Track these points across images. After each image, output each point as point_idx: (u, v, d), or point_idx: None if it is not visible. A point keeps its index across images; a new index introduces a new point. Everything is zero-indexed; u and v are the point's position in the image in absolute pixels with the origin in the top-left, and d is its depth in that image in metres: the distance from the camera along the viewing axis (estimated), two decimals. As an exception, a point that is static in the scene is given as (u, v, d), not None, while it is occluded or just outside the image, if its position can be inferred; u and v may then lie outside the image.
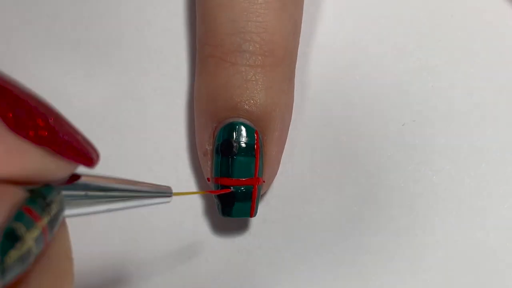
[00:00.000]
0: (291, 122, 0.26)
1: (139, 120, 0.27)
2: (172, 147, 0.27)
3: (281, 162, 0.26)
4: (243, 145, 0.24)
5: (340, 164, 0.27)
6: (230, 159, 0.24)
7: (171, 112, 0.27)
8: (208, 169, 0.25)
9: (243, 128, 0.24)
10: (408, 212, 0.26)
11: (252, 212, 0.24)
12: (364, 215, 0.26)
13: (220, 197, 0.24)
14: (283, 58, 0.25)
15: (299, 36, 0.26)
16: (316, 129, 0.27)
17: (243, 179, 0.24)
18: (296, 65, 0.26)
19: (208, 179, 0.25)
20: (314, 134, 0.27)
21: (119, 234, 0.26)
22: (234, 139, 0.24)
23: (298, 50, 0.26)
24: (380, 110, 0.27)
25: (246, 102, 0.24)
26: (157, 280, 0.26)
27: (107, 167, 0.26)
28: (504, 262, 0.26)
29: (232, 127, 0.24)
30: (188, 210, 0.26)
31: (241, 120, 0.24)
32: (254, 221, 0.26)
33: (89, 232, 0.26)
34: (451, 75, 0.28)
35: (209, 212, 0.26)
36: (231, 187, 0.24)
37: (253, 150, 0.24)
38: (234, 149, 0.24)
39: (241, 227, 0.26)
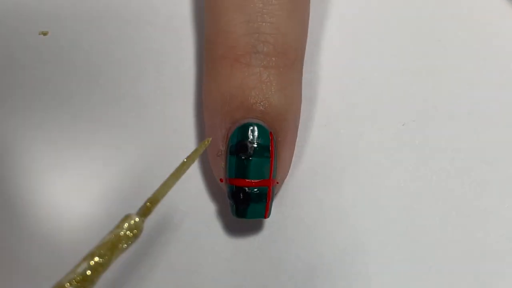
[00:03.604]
0: (291, 122, 0.26)
1: (139, 120, 0.27)
2: (172, 147, 0.27)
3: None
4: (258, 146, 0.24)
5: (340, 164, 0.27)
6: (245, 160, 0.24)
7: (171, 112, 0.27)
8: (221, 170, 0.24)
9: (258, 129, 0.24)
10: (408, 212, 0.26)
11: (266, 213, 0.24)
12: (364, 215, 0.26)
13: (235, 198, 0.24)
14: (295, 60, 0.25)
15: (307, 38, 0.26)
16: (316, 129, 0.27)
17: (258, 180, 0.24)
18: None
19: (221, 180, 0.25)
20: (314, 134, 0.27)
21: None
22: (249, 140, 0.24)
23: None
24: (380, 110, 0.27)
25: (261, 103, 0.24)
26: (156, 279, 0.26)
27: (108, 166, 0.27)
28: (504, 262, 0.26)
29: (247, 128, 0.24)
30: (189, 211, 0.26)
31: (256, 121, 0.24)
32: (253, 222, 0.26)
33: (95, 229, 0.26)
34: (451, 75, 0.28)
35: (209, 213, 0.26)
36: (246, 188, 0.24)
37: (268, 151, 0.24)
38: (249, 150, 0.23)
39: (241, 228, 0.26)
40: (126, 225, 0.19)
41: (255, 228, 0.26)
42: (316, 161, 0.27)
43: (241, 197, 0.24)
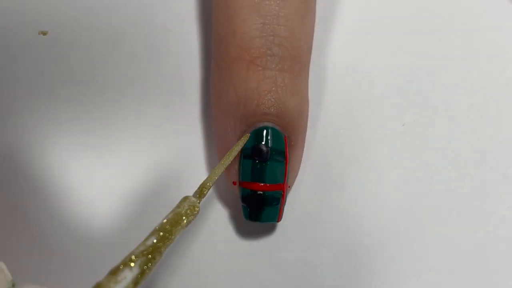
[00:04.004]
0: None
1: (139, 120, 0.27)
2: (172, 147, 0.27)
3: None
4: (273, 150, 0.23)
5: (340, 164, 0.27)
6: (260, 164, 0.23)
7: (171, 112, 0.27)
8: (233, 173, 0.24)
9: (274, 134, 0.24)
10: (408, 212, 0.26)
11: (279, 217, 0.24)
12: (364, 215, 0.26)
13: (249, 202, 0.24)
14: (306, 64, 0.25)
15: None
16: (316, 129, 0.27)
17: (273, 184, 0.24)
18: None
19: (234, 183, 0.24)
20: (314, 134, 0.27)
21: (126, 234, 0.26)
22: (265, 144, 0.23)
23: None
24: (380, 110, 0.27)
25: (277, 107, 0.24)
26: (156, 279, 0.26)
27: (110, 167, 0.27)
28: (504, 262, 0.26)
29: (263, 132, 0.23)
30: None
31: (272, 125, 0.24)
32: (256, 223, 0.26)
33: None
34: (451, 75, 0.28)
35: (209, 213, 0.26)
36: (261, 192, 0.23)
37: (281, 155, 0.24)
38: (266, 154, 0.23)
39: (241, 229, 0.26)
40: (185, 204, 0.21)
41: (256, 228, 0.26)
42: (316, 161, 0.27)
43: (256, 201, 0.24)
